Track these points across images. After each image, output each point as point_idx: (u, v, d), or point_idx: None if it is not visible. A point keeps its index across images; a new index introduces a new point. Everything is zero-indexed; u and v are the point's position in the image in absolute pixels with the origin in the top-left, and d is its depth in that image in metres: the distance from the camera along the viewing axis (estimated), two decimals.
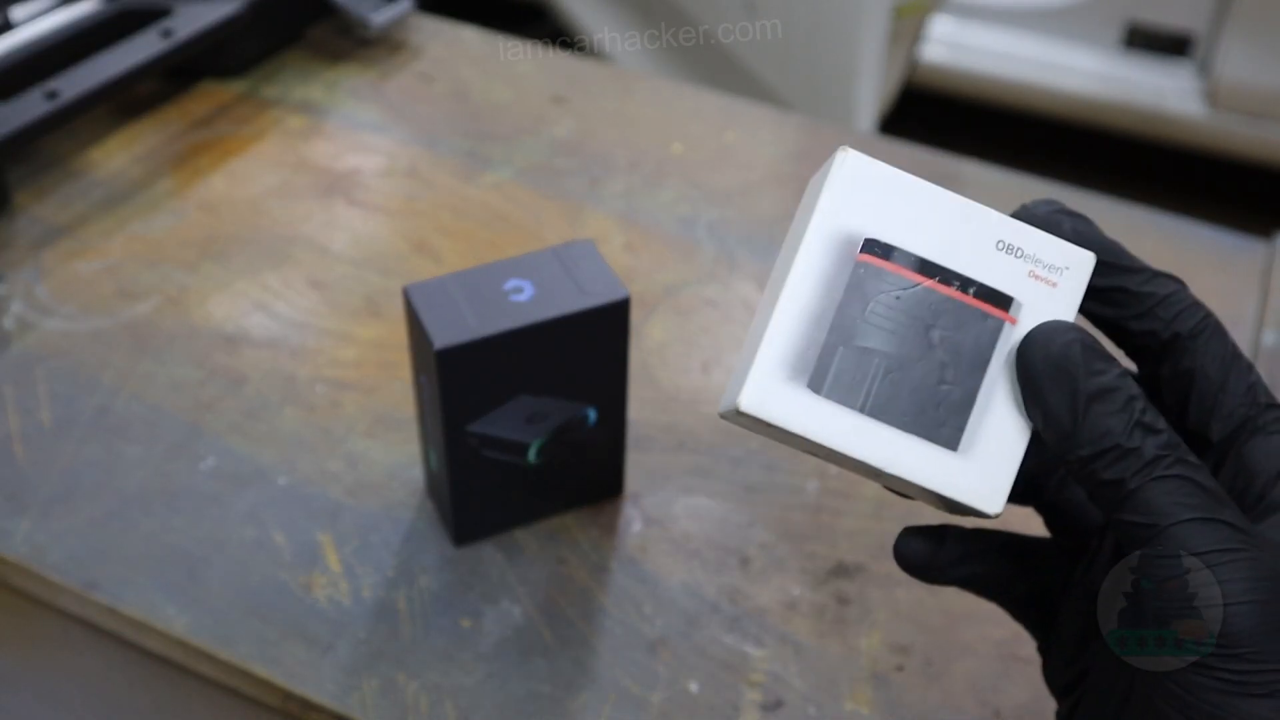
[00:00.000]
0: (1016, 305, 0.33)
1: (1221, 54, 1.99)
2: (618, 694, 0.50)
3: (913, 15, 1.61)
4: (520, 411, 0.51)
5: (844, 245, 0.33)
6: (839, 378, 0.32)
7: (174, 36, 0.79)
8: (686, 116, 0.86)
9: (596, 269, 0.51)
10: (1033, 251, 0.33)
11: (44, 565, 0.54)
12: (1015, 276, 0.33)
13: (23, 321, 0.66)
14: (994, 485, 0.33)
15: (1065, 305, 0.33)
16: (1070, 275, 0.33)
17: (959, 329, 0.33)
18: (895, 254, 0.33)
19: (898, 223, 0.33)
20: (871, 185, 0.33)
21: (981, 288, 0.33)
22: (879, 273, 0.33)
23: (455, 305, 0.49)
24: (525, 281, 0.50)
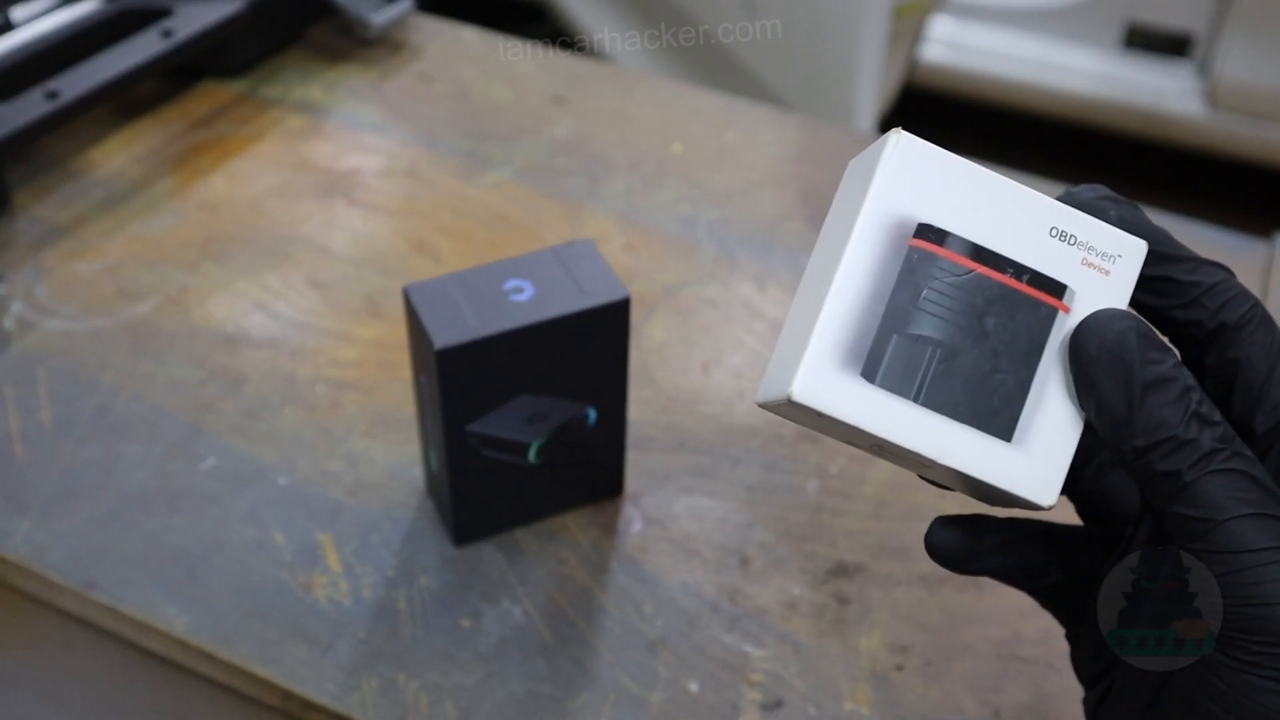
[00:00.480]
0: (1070, 293, 0.32)
1: (1221, 54, 1.99)
2: (617, 694, 0.50)
3: (912, 15, 1.61)
4: (520, 411, 0.51)
5: (897, 230, 0.32)
6: (892, 366, 0.32)
7: (174, 36, 0.79)
8: (686, 116, 0.86)
9: (596, 269, 0.51)
10: (1086, 238, 0.32)
11: (44, 565, 0.54)
12: (1068, 264, 0.32)
13: (23, 321, 0.66)
14: (1048, 477, 0.32)
15: (1118, 293, 0.33)
16: (1123, 263, 0.33)
17: (1012, 317, 0.32)
18: (949, 240, 0.32)
19: (951, 207, 0.32)
20: (924, 168, 0.32)
21: (1035, 275, 0.32)
22: (932, 259, 0.32)
23: (455, 305, 0.49)
24: (525, 282, 0.50)
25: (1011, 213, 0.32)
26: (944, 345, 0.32)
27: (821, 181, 0.80)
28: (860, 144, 0.85)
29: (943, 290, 0.32)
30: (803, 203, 0.78)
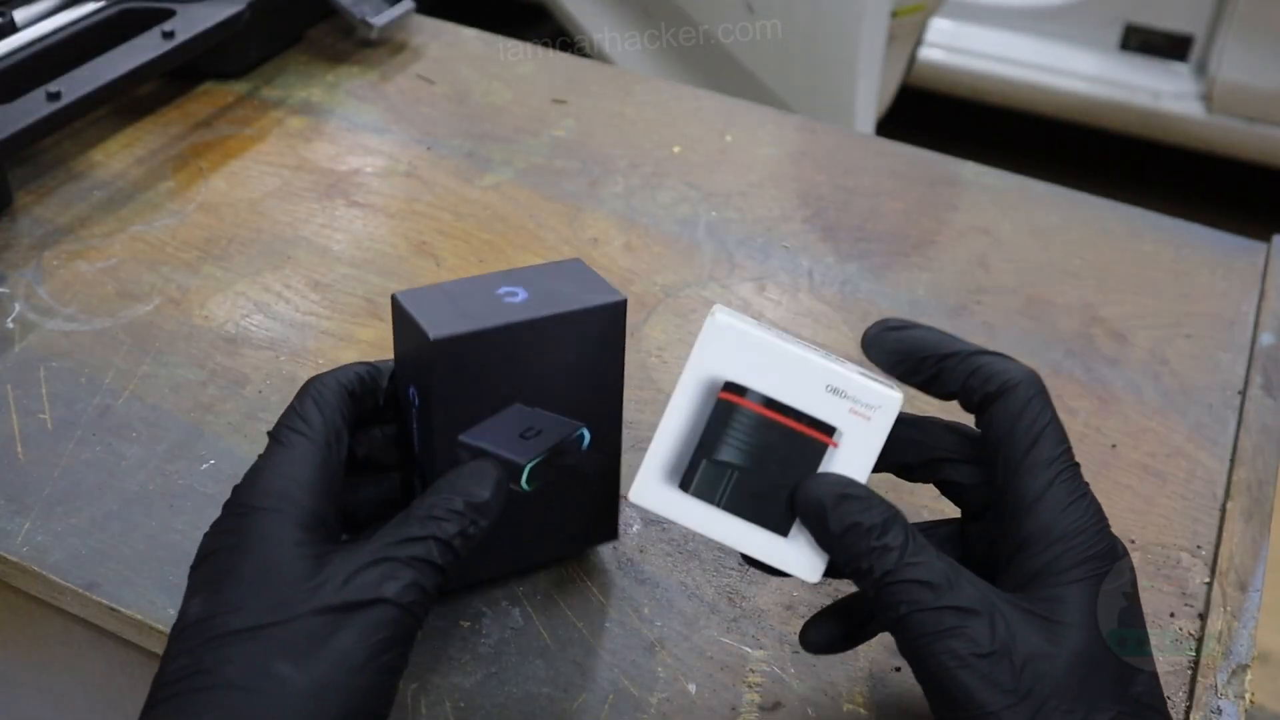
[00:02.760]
0: (839, 433, 0.43)
1: (1218, 56, 2.00)
2: (616, 695, 0.50)
3: (909, 15, 1.61)
4: (513, 424, 0.49)
5: (710, 385, 0.43)
6: (702, 481, 0.44)
7: (175, 38, 0.79)
8: (686, 117, 0.86)
9: (591, 278, 0.50)
10: (853, 394, 0.43)
11: (45, 565, 0.54)
12: (839, 412, 0.43)
13: (24, 322, 0.66)
14: (813, 563, 0.44)
15: (877, 433, 0.43)
16: (881, 412, 0.43)
17: (793, 449, 0.43)
18: (748, 393, 0.43)
19: (751, 370, 0.43)
20: (734, 341, 0.43)
21: (812, 420, 0.43)
22: (735, 406, 0.43)
23: (447, 306, 0.47)
24: (517, 287, 0.49)
25: (798, 375, 0.43)
26: (741, 469, 0.44)
27: (821, 182, 0.80)
28: (860, 144, 0.85)
29: (741, 430, 0.43)
30: (802, 204, 0.78)
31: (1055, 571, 0.41)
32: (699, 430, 0.44)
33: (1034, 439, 0.42)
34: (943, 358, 0.44)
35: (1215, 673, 0.51)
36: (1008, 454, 0.42)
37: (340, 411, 0.45)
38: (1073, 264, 0.75)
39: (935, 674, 0.40)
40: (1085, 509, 0.41)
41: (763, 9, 1.53)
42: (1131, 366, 0.67)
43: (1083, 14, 2.11)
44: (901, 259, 0.74)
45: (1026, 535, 0.41)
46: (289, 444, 0.43)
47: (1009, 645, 0.39)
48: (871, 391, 0.43)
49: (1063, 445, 0.42)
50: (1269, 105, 1.99)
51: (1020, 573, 0.42)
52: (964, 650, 0.39)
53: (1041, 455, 0.42)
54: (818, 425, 0.43)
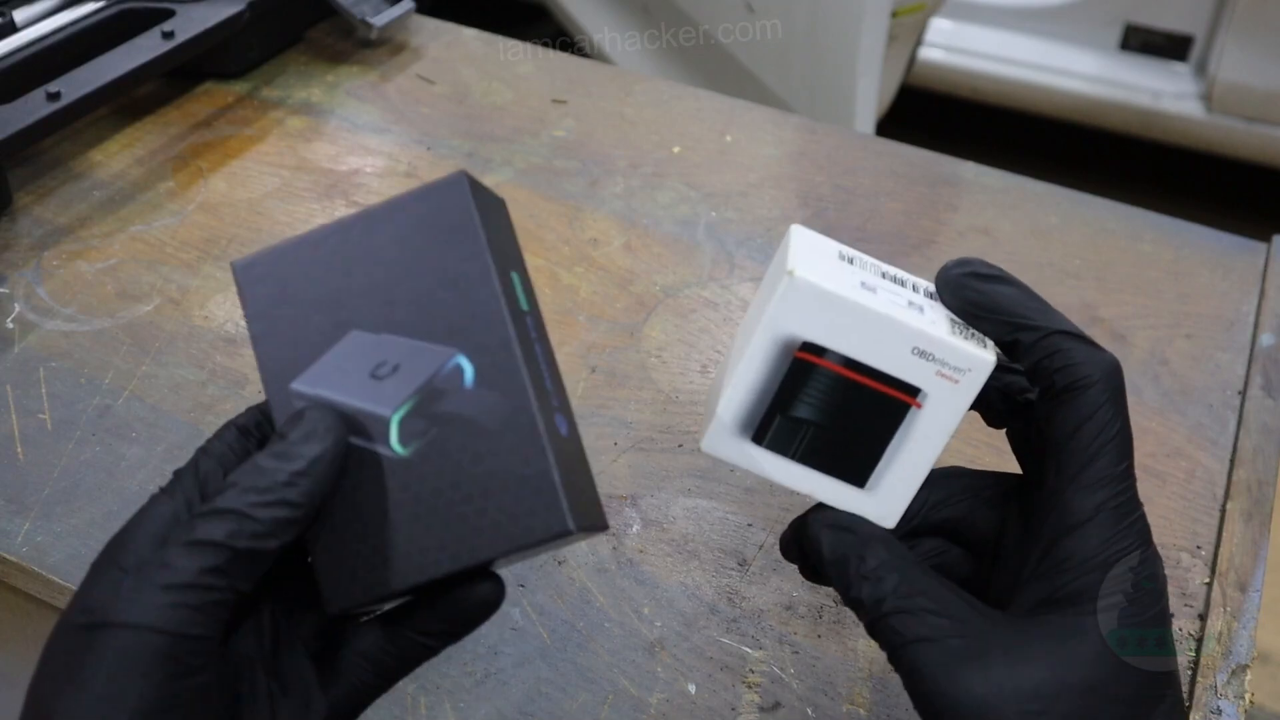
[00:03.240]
0: (923, 394, 0.40)
1: (1218, 56, 2.00)
2: (616, 695, 0.50)
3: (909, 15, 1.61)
4: (359, 359, 0.38)
5: (786, 344, 0.40)
6: (776, 436, 0.41)
7: (175, 38, 0.79)
8: (686, 117, 0.86)
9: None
10: (942, 357, 0.39)
11: (45, 565, 0.54)
12: (924, 374, 0.40)
13: (24, 322, 0.66)
14: (890, 509, 0.41)
15: (964, 397, 0.40)
16: (971, 375, 0.40)
17: (875, 408, 0.40)
18: (827, 354, 0.40)
19: (831, 330, 0.39)
20: (813, 300, 0.39)
21: (895, 380, 0.40)
22: (813, 366, 0.40)
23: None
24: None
25: (882, 336, 0.39)
26: (817, 425, 0.41)
27: (821, 182, 0.80)
28: (860, 144, 0.85)
29: (819, 389, 0.40)
30: (802, 204, 0.78)
31: (1085, 600, 0.38)
32: (773, 387, 0.40)
33: (1096, 453, 0.39)
34: (1020, 327, 0.40)
35: (1215, 673, 0.51)
36: (1064, 462, 0.39)
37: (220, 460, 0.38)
38: (1073, 264, 0.75)
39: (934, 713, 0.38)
40: (1135, 536, 0.39)
41: (763, 9, 1.53)
42: (1131, 367, 0.67)
43: (1083, 14, 2.11)
44: (901, 259, 0.74)
45: (1066, 556, 0.39)
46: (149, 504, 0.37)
47: (1007, 681, 0.37)
48: (962, 354, 0.40)
49: (1125, 460, 0.39)
50: (1269, 105, 1.99)
51: (1049, 593, 0.39)
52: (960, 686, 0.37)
53: (1100, 472, 0.39)
54: (901, 386, 0.40)
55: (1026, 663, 0.37)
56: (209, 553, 0.34)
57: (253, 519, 0.35)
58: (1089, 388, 0.39)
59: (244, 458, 0.38)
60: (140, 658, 0.33)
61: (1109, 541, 0.38)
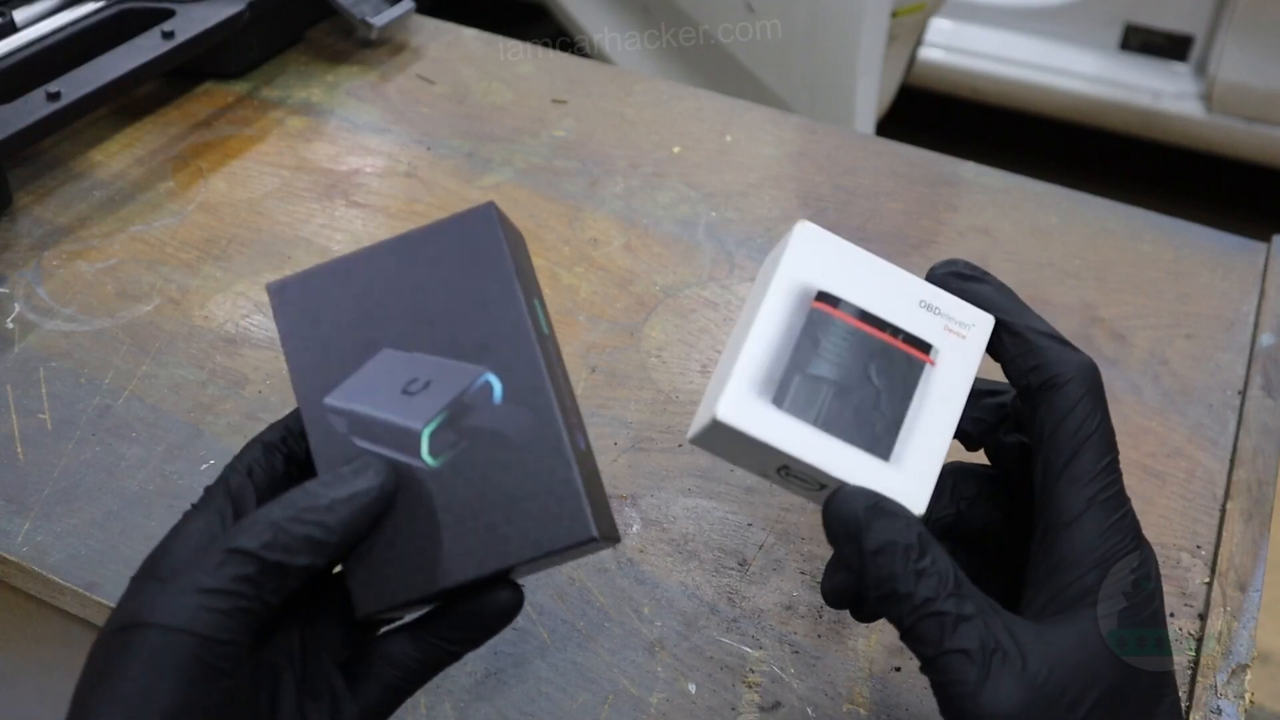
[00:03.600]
0: (935, 350, 0.41)
1: (1218, 56, 2.00)
2: (616, 695, 0.50)
3: (909, 15, 1.61)
4: (390, 375, 0.39)
5: (802, 294, 0.40)
6: (796, 396, 0.40)
7: (175, 38, 0.79)
8: (686, 117, 0.86)
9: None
10: (947, 311, 0.41)
11: (45, 565, 0.54)
12: (933, 328, 0.41)
13: (24, 322, 0.66)
14: (919, 489, 0.40)
15: (973, 352, 0.41)
16: (975, 331, 0.41)
17: (890, 366, 0.40)
18: (842, 304, 0.40)
19: (844, 281, 0.41)
20: (824, 250, 0.41)
21: (908, 335, 0.41)
22: (828, 318, 0.40)
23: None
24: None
25: (891, 287, 0.41)
26: (837, 384, 0.40)
27: (821, 182, 0.80)
28: (860, 144, 0.85)
29: (836, 342, 0.40)
30: (802, 204, 0.78)
31: (1091, 601, 0.38)
32: (790, 343, 0.40)
33: (1078, 447, 0.39)
34: (1001, 323, 0.41)
35: (1215, 673, 0.51)
36: (1050, 458, 0.40)
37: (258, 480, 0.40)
38: (1073, 264, 0.75)
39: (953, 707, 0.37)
40: (1126, 530, 0.39)
41: (763, 9, 1.53)
42: (1131, 367, 0.67)
43: (1083, 14, 2.11)
44: (901, 259, 0.74)
45: (1062, 557, 0.39)
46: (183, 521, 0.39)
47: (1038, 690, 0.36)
48: (965, 309, 0.41)
49: (1108, 455, 0.40)
50: (1269, 105, 1.99)
51: (1053, 596, 0.39)
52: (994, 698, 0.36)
53: (1085, 467, 0.39)
54: (914, 342, 0.41)
55: (1054, 670, 0.37)
56: (241, 561, 0.36)
57: (287, 533, 0.36)
58: (1064, 384, 0.40)
59: (271, 472, 0.40)
60: (171, 658, 0.34)
61: (1103, 536, 0.39)
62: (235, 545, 0.36)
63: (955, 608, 0.37)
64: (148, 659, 0.34)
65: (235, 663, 0.35)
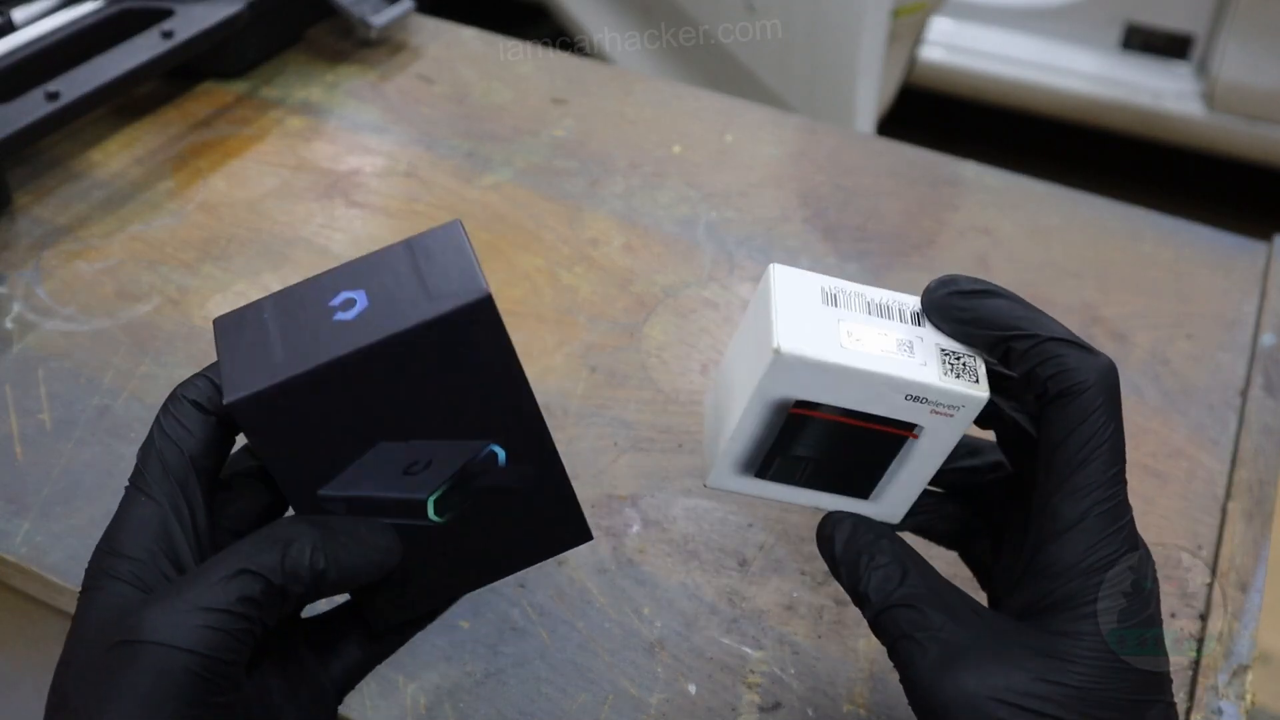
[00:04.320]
0: (920, 428, 0.41)
1: (1220, 55, 1.99)
2: (616, 695, 0.50)
3: (909, 15, 1.61)
4: (389, 463, 0.39)
5: (779, 404, 0.40)
6: (779, 471, 0.42)
7: (175, 37, 0.79)
8: (686, 117, 0.86)
9: (454, 261, 0.38)
10: (935, 399, 0.40)
11: (44, 565, 0.54)
12: (920, 413, 0.40)
13: (23, 322, 0.66)
14: (894, 513, 0.43)
15: (960, 426, 0.41)
16: (965, 410, 0.40)
17: (873, 444, 0.41)
18: (822, 407, 0.40)
19: (824, 389, 0.40)
20: (801, 370, 0.40)
21: (892, 420, 0.41)
22: (809, 418, 0.41)
23: (265, 337, 0.38)
24: (357, 292, 0.38)
25: (875, 390, 0.40)
26: (816, 461, 0.42)
27: (821, 182, 0.80)
28: (860, 144, 0.85)
29: (817, 434, 0.41)
30: (802, 204, 0.78)
31: (1075, 605, 0.38)
32: (771, 435, 0.42)
33: (1086, 458, 0.39)
34: (1012, 337, 0.40)
35: (1216, 673, 0.51)
36: (1055, 466, 0.39)
37: (192, 443, 0.39)
38: (1073, 264, 0.75)
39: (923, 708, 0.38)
40: (1121, 543, 0.39)
41: (763, 9, 1.53)
42: (1132, 367, 0.67)
43: (1083, 13, 2.11)
44: (901, 259, 0.74)
45: (1051, 561, 0.39)
46: (134, 505, 0.38)
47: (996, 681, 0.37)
48: (954, 395, 0.40)
49: (1114, 467, 0.39)
50: (1270, 105, 1.99)
51: (1037, 598, 0.39)
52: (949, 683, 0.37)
53: (1090, 478, 0.39)
54: (898, 424, 0.41)
55: (1015, 665, 0.37)
56: (247, 581, 0.35)
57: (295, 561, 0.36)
58: (1082, 393, 0.39)
59: (210, 439, 0.39)
60: (172, 677, 0.34)
61: (1093, 548, 0.38)
62: (242, 566, 0.36)
63: (912, 600, 0.39)
64: (149, 678, 0.34)
65: (235, 682, 0.35)
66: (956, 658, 0.38)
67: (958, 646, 0.38)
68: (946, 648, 0.38)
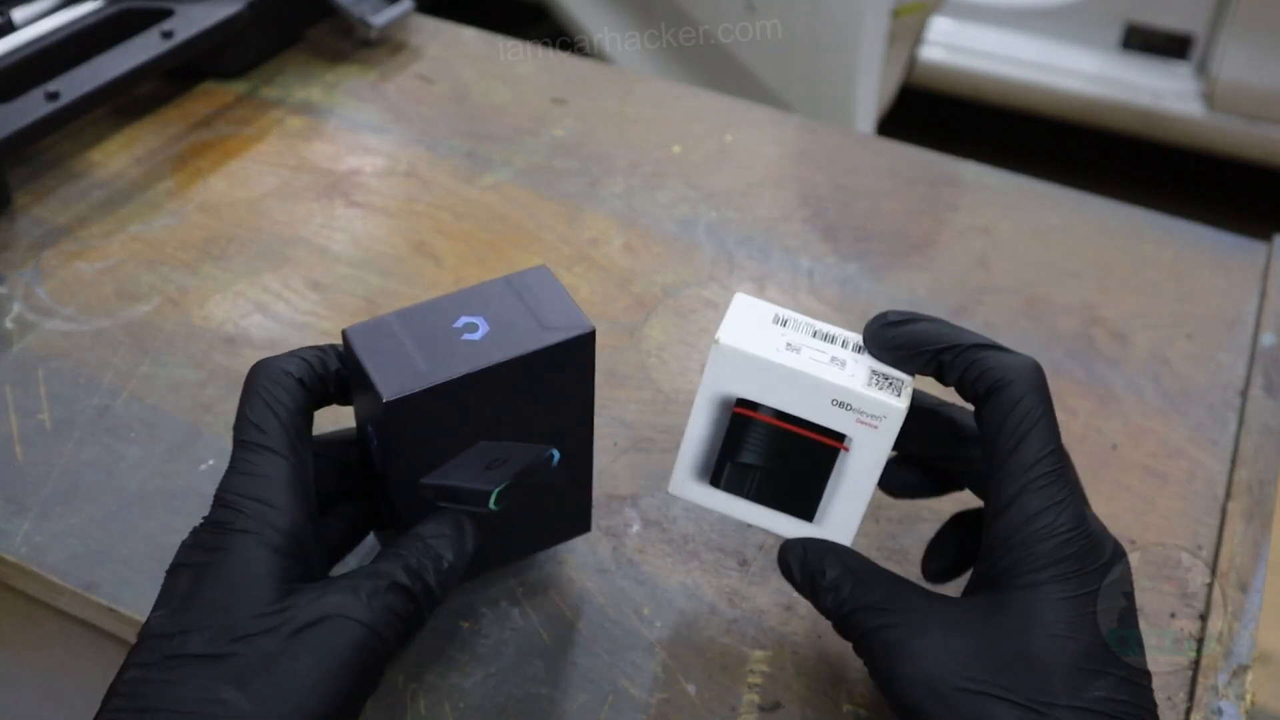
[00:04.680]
0: (849, 439, 0.46)
1: (1219, 55, 2.00)
2: (616, 695, 0.50)
3: (910, 15, 1.61)
4: (479, 459, 0.47)
5: (724, 402, 0.46)
6: (729, 479, 0.48)
7: (175, 37, 0.79)
8: (686, 117, 0.86)
9: (556, 299, 0.46)
10: (859, 406, 0.45)
11: (44, 566, 0.54)
12: (847, 422, 0.45)
13: (23, 322, 0.66)
14: (843, 533, 0.48)
15: (885, 439, 0.45)
16: (887, 421, 0.45)
17: (808, 454, 0.46)
18: (760, 408, 0.46)
19: (761, 388, 0.45)
20: (740, 363, 0.45)
21: (823, 429, 0.46)
22: (749, 419, 0.46)
23: (403, 348, 0.44)
24: (478, 318, 0.45)
25: (804, 391, 0.45)
26: (763, 469, 0.47)
27: (821, 182, 0.80)
28: (860, 144, 0.85)
29: (758, 438, 0.46)
30: (802, 204, 0.78)
31: (1012, 576, 0.41)
32: (720, 437, 0.47)
33: (1018, 440, 0.42)
34: (939, 351, 0.44)
35: (1216, 673, 0.51)
36: (994, 454, 0.43)
37: (297, 411, 0.43)
38: (1073, 264, 0.75)
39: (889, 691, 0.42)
40: (1057, 514, 0.41)
41: (763, 9, 1.53)
42: (1132, 366, 0.67)
43: (1083, 13, 2.11)
44: (902, 259, 0.74)
45: (994, 538, 0.42)
46: (255, 459, 0.42)
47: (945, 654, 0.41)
48: (875, 404, 0.45)
49: (1048, 447, 0.42)
50: (1270, 105, 1.99)
51: (985, 576, 0.43)
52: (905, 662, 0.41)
53: (1023, 459, 0.42)
54: (828, 433, 0.46)
55: (961, 637, 0.41)
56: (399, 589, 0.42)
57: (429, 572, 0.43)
58: (1007, 385, 0.43)
59: (305, 413, 0.44)
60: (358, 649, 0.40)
61: (1030, 521, 0.41)
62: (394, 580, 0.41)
63: (865, 603, 0.43)
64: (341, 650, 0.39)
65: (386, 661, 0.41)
66: (908, 647, 0.41)
67: (909, 637, 0.42)
68: (899, 641, 0.42)
